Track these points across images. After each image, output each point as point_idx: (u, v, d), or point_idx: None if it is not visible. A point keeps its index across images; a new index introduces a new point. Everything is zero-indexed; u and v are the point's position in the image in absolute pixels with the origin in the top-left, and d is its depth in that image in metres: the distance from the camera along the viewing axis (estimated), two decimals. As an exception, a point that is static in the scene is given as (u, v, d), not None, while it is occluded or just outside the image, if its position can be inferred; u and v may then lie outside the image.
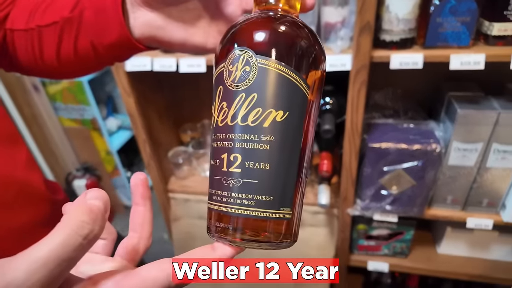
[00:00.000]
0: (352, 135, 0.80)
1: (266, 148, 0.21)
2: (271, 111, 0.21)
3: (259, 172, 0.21)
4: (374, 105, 0.93)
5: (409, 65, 0.69)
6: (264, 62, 0.22)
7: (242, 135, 0.22)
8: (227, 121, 0.22)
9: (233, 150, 0.22)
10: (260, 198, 0.21)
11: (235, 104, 0.22)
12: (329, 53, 0.73)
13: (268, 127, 0.21)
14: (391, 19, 0.67)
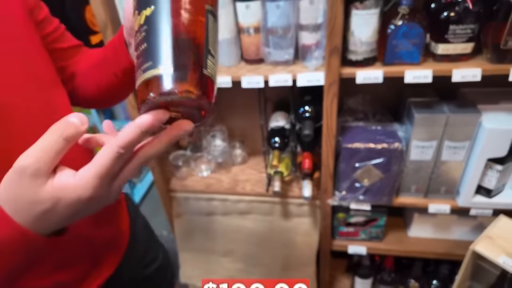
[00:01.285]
0: (328, 137, 0.94)
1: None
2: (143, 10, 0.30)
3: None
4: (348, 110, 1.07)
5: (371, 80, 0.83)
6: None
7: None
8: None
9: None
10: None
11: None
12: (306, 71, 0.87)
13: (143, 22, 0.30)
14: (356, 42, 0.81)
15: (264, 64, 0.94)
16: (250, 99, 1.13)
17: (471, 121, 0.88)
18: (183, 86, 0.28)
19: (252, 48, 0.91)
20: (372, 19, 0.77)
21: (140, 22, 0.31)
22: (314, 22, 0.83)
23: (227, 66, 0.96)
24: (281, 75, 0.88)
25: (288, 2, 0.81)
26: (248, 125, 1.29)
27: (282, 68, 0.90)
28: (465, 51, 0.80)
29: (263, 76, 0.89)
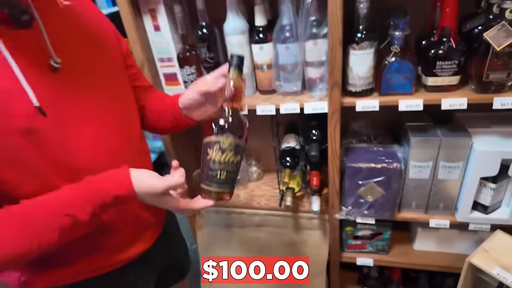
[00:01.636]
0: (333, 158, 1.06)
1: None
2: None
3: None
4: (352, 133, 1.19)
5: (369, 108, 0.95)
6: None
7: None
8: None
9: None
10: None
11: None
12: (312, 100, 1.00)
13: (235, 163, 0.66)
14: (354, 77, 0.94)
15: (275, 94, 1.08)
16: (264, 123, 1.27)
17: (463, 143, 0.98)
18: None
19: (265, 81, 1.06)
20: (368, 57, 0.90)
21: (236, 161, 0.65)
22: (318, 59, 0.96)
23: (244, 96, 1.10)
24: (290, 104, 1.01)
25: (295, 44, 0.95)
26: (262, 145, 1.42)
27: (291, 98, 1.04)
28: (452, 82, 0.91)
29: (275, 105, 1.03)
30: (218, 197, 0.65)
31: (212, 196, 0.65)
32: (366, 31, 0.88)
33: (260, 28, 0.98)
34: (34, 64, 0.54)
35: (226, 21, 0.98)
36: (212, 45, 1.00)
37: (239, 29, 0.97)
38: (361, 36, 0.88)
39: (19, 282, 0.66)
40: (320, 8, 0.90)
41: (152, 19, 0.99)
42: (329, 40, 0.87)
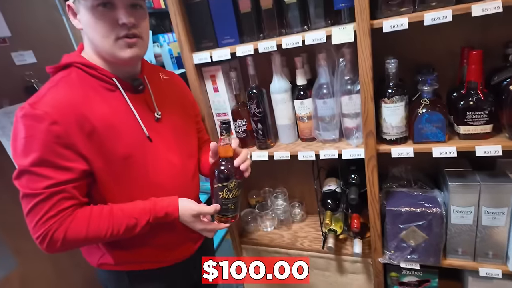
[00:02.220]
0: (373, 201, 1.12)
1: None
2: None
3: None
4: (392, 177, 1.24)
5: (404, 155, 1.02)
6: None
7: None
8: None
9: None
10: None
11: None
12: (349, 147, 1.10)
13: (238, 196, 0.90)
14: (388, 126, 1.03)
15: (315, 142, 1.20)
16: (306, 167, 1.38)
17: (505, 189, 0.99)
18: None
19: (306, 130, 1.19)
20: (399, 110, 1.00)
21: (238, 195, 0.90)
22: (354, 111, 1.08)
23: (286, 144, 1.24)
24: (329, 150, 1.12)
25: (332, 99, 1.09)
26: (305, 188, 1.52)
27: (330, 145, 1.15)
28: (485, 130, 0.96)
29: (315, 151, 1.15)
30: (229, 221, 0.91)
31: (227, 221, 0.90)
32: (396, 87, 0.99)
33: (301, 86, 1.14)
34: (145, 114, 0.86)
35: (272, 83, 1.16)
36: (260, 102, 1.18)
37: (283, 88, 1.15)
38: (391, 92, 0.99)
39: (98, 262, 0.91)
40: (353, 69, 1.04)
41: (212, 83, 1.22)
42: (361, 96, 0.99)
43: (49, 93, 0.74)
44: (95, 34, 0.76)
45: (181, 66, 2.22)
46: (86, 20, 0.75)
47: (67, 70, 0.80)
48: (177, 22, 1.13)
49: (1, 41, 1.34)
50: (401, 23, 0.90)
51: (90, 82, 0.79)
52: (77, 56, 0.81)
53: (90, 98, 0.77)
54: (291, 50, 1.06)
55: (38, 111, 0.70)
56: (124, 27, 0.75)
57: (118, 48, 0.76)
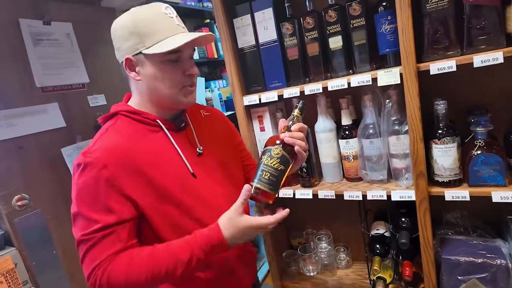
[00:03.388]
0: (426, 247, 1.05)
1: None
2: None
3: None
4: (447, 223, 1.16)
5: (459, 198, 0.97)
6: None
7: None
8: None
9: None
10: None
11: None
12: (398, 189, 1.07)
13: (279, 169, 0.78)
14: (439, 168, 1.00)
15: (362, 182, 1.18)
16: (351, 209, 1.35)
17: None
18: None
19: (351, 170, 1.19)
20: (451, 151, 0.97)
21: (277, 168, 0.78)
22: (402, 152, 1.07)
23: (331, 183, 1.24)
24: (377, 191, 1.10)
25: (379, 139, 1.09)
26: (351, 231, 1.47)
27: (377, 186, 1.13)
28: (553, 175, 0.89)
29: (362, 191, 1.13)
30: (257, 193, 0.76)
31: (254, 191, 0.76)
32: (446, 128, 0.98)
33: (346, 126, 1.16)
34: (187, 150, 0.86)
35: (317, 122, 1.20)
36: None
37: (328, 127, 1.18)
38: (442, 133, 0.98)
39: None
40: (400, 109, 1.05)
41: (259, 122, 1.29)
42: (410, 136, 0.99)
43: (98, 141, 0.79)
44: (162, 85, 0.79)
45: (229, 109, 2.37)
46: (152, 73, 0.78)
47: (114, 119, 0.84)
48: (231, 69, 1.24)
49: (81, 86, 1.57)
50: (448, 66, 0.91)
51: (135, 127, 0.82)
52: (123, 105, 0.86)
53: (135, 140, 0.80)
54: (336, 92, 1.11)
55: (89, 158, 0.74)
56: (191, 77, 0.81)
57: (182, 95, 0.81)
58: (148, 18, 0.76)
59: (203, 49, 2.55)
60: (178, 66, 0.79)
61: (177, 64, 0.78)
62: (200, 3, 2.67)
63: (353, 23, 1.05)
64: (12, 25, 1.34)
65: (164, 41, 0.75)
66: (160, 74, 0.78)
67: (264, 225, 0.75)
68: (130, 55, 0.77)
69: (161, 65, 0.77)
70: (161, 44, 0.75)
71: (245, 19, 1.21)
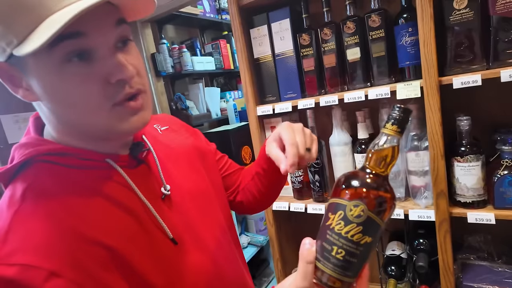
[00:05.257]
0: (446, 272, 0.98)
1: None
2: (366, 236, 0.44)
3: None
4: (469, 247, 1.09)
5: (483, 221, 0.90)
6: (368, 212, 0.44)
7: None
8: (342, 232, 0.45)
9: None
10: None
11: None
12: (417, 208, 1.02)
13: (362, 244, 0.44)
14: (462, 187, 0.94)
15: (378, 199, 1.13)
16: (366, 227, 1.29)
17: None
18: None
19: (367, 186, 1.14)
20: (475, 170, 0.91)
21: (360, 241, 0.44)
22: (421, 169, 1.01)
23: (346, 199, 1.19)
24: (393, 210, 1.04)
25: (397, 155, 1.04)
26: (365, 250, 1.40)
27: (394, 204, 1.07)
28: None
29: (378, 210, 1.07)
30: (328, 284, 0.46)
31: (322, 278, 0.46)
32: (470, 145, 0.92)
33: (362, 140, 1.12)
34: (153, 194, 0.55)
35: (332, 135, 1.16)
36: (318, 154, 1.18)
37: (343, 141, 1.14)
38: (465, 150, 0.92)
39: None
40: (420, 125, 1.01)
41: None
42: (431, 153, 0.94)
43: (14, 226, 0.42)
44: (71, 112, 0.45)
45: (243, 119, 2.36)
46: (48, 91, 0.44)
47: (27, 173, 0.47)
48: (246, 79, 1.24)
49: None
50: (473, 80, 0.87)
51: (74, 179, 0.48)
52: (38, 143, 0.48)
53: (83, 206, 0.47)
54: (352, 104, 1.07)
55: (8, 269, 0.39)
56: (122, 84, 0.45)
57: (117, 119, 0.46)
58: None
59: (219, 60, 2.57)
60: (91, 69, 0.43)
61: (88, 65, 0.43)
62: (219, 15, 2.71)
63: (372, 35, 1.02)
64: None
65: (44, 24, 0.39)
66: (61, 89, 0.43)
67: None
68: (0, 61, 0.44)
69: (58, 71, 0.42)
70: (37, 33, 0.39)
71: (261, 29, 1.21)
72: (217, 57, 2.55)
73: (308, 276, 0.46)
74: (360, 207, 0.44)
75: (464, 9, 0.87)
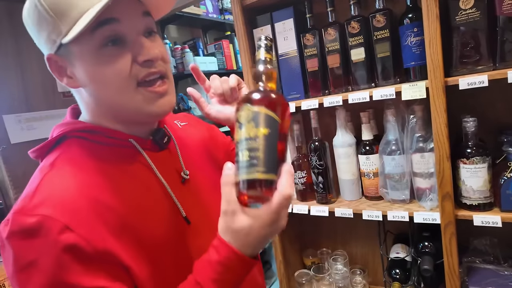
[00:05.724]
0: (451, 276, 0.97)
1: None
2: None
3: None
4: (474, 250, 1.07)
5: (490, 224, 0.89)
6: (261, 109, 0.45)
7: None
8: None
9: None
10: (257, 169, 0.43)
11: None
12: (422, 210, 1.00)
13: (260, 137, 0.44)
14: (468, 190, 0.93)
15: (382, 201, 1.12)
16: (370, 229, 1.28)
17: None
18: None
19: (371, 187, 1.13)
20: (481, 172, 0.90)
21: (256, 134, 0.45)
22: (427, 171, 1.00)
23: (349, 200, 1.18)
24: (398, 212, 1.03)
25: (402, 156, 1.03)
26: (369, 253, 1.39)
27: (399, 206, 1.06)
28: None
29: (382, 211, 1.06)
30: (247, 187, 0.45)
31: (242, 190, 0.45)
32: (476, 147, 0.91)
33: (366, 141, 1.11)
34: (172, 178, 0.61)
35: (336, 136, 1.15)
36: (322, 155, 1.16)
37: (347, 142, 1.13)
38: (471, 152, 0.91)
39: None
40: (425, 126, 1.00)
41: (276, 134, 1.26)
42: (436, 155, 0.92)
43: (42, 186, 0.49)
44: (105, 90, 0.53)
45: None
46: (88, 74, 0.52)
47: (61, 147, 0.55)
48: (249, 79, 1.23)
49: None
50: (479, 81, 0.85)
51: (99, 153, 0.55)
52: (72, 123, 0.57)
53: (104, 175, 0.53)
54: (356, 105, 1.06)
55: (30, 218, 0.45)
56: (149, 65, 0.52)
57: (145, 101, 0.53)
58: None
59: (222, 61, 2.56)
60: (123, 51, 0.51)
61: (121, 48, 0.51)
62: (222, 15, 2.71)
63: (376, 35, 1.01)
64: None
65: (85, 14, 0.47)
66: (98, 70, 0.51)
67: (275, 211, 0.46)
68: (50, 53, 0.52)
69: (96, 54, 0.50)
70: (80, 22, 0.47)
71: (265, 29, 1.20)
72: (220, 57, 2.55)
73: (228, 196, 0.46)
74: (246, 107, 0.47)
75: (470, 9, 0.86)
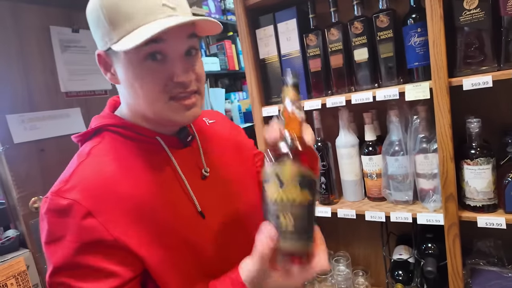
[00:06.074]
0: (455, 277, 0.96)
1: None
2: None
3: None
4: (478, 252, 1.07)
5: (494, 226, 0.88)
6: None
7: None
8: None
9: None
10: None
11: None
12: (425, 211, 1.00)
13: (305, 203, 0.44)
14: (471, 191, 0.92)
15: (385, 202, 1.11)
16: (372, 231, 1.27)
17: None
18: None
19: (374, 188, 1.12)
20: (485, 173, 0.89)
21: (302, 200, 0.44)
22: (430, 171, 1.00)
23: (352, 201, 1.18)
24: (401, 213, 1.03)
25: (405, 157, 1.02)
26: (371, 254, 1.38)
27: (402, 207, 1.06)
28: None
29: (385, 212, 1.06)
30: (288, 255, 0.46)
31: (280, 255, 0.46)
32: (480, 148, 0.90)
33: (369, 142, 1.10)
34: (192, 174, 0.65)
35: (339, 137, 1.15)
36: (324, 155, 1.16)
37: (350, 143, 1.13)
38: (475, 153, 0.90)
39: None
40: (428, 126, 0.99)
41: (278, 134, 1.25)
42: (440, 155, 0.92)
43: (77, 173, 0.56)
44: (138, 96, 0.57)
45: (248, 121, 2.36)
46: (128, 78, 0.57)
47: (98, 137, 0.62)
48: (251, 79, 1.23)
49: (103, 93, 1.60)
50: (484, 81, 0.85)
51: (128, 147, 0.61)
52: (109, 117, 0.64)
53: (131, 169, 0.59)
54: (359, 106, 1.06)
55: (63, 201, 0.52)
56: (181, 86, 0.57)
57: (172, 111, 0.58)
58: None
59: (224, 61, 2.57)
60: (162, 68, 0.55)
61: (161, 65, 0.55)
62: (224, 16, 2.72)
63: (380, 35, 1.01)
64: (43, 32, 1.39)
65: (138, 30, 0.52)
66: (136, 78, 0.56)
67: (306, 279, 0.50)
68: (101, 49, 0.58)
69: (138, 65, 0.55)
70: (131, 36, 0.52)
71: (267, 30, 1.20)
72: (222, 58, 2.55)
73: (263, 255, 0.48)
74: (288, 166, 0.44)
75: (474, 9, 0.86)
